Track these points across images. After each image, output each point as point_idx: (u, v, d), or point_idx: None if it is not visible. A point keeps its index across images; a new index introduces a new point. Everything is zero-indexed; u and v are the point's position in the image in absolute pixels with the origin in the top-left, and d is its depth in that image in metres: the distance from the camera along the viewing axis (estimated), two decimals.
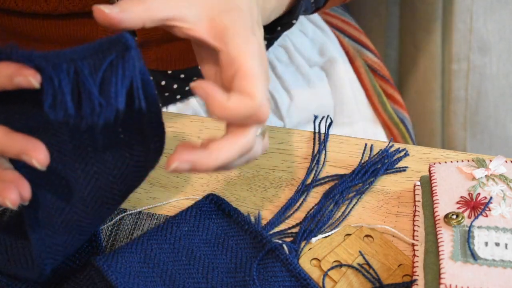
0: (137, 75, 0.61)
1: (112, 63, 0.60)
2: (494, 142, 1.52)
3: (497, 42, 1.42)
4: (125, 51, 0.61)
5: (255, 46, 0.64)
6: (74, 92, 0.60)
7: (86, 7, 0.85)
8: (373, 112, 1.14)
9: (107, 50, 0.61)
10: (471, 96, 1.48)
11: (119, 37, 0.61)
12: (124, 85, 0.60)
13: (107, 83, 0.60)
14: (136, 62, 0.61)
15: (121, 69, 0.60)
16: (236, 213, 0.76)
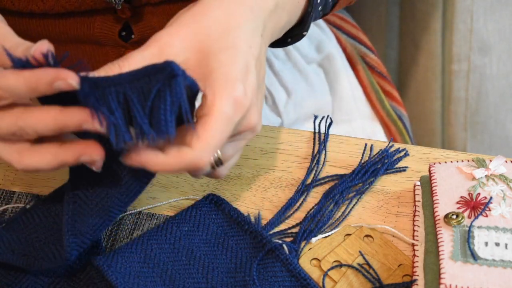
0: (185, 100, 0.63)
1: (159, 90, 0.62)
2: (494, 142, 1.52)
3: (497, 42, 1.42)
4: (172, 79, 0.62)
5: (235, 93, 0.66)
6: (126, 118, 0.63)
7: (82, 6, 0.85)
8: (371, 109, 1.14)
9: (153, 76, 0.62)
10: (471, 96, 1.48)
11: (164, 65, 0.62)
12: (173, 112, 0.62)
13: (156, 111, 0.62)
14: (182, 89, 0.62)
15: (169, 97, 0.62)
16: (236, 213, 0.76)
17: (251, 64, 0.68)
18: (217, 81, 0.66)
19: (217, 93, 0.66)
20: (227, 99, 0.65)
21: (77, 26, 0.88)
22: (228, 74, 0.66)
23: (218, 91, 0.66)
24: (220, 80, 0.66)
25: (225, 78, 0.66)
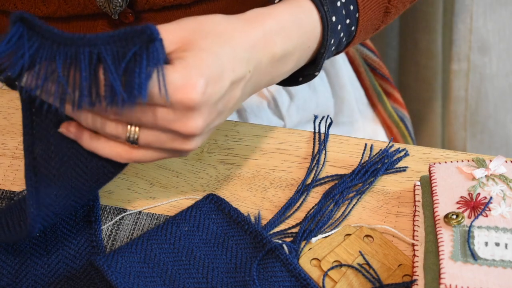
0: (161, 66, 0.62)
1: (136, 53, 0.61)
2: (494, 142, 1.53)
3: (497, 42, 1.42)
4: (150, 43, 0.61)
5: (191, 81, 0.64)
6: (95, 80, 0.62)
7: (85, 10, 0.85)
8: (372, 111, 1.14)
9: (130, 39, 0.61)
10: (471, 96, 1.48)
11: (144, 28, 0.61)
12: (148, 76, 0.61)
13: (130, 73, 0.61)
14: (160, 54, 0.61)
15: (145, 60, 0.61)
16: (236, 213, 0.76)
17: (223, 80, 0.66)
18: (184, 62, 0.64)
19: (177, 65, 0.64)
20: (180, 75, 0.63)
21: (79, 29, 0.88)
22: (198, 65, 0.64)
23: (179, 65, 0.64)
24: (187, 63, 0.64)
25: (193, 65, 0.64)
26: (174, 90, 0.63)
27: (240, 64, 0.68)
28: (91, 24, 0.88)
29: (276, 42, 0.72)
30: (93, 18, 0.87)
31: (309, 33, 0.76)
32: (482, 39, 1.42)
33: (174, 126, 0.65)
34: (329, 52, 0.79)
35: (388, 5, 0.83)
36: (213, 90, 0.65)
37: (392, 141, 0.86)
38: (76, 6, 0.85)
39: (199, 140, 0.68)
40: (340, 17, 0.78)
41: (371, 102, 1.14)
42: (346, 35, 0.80)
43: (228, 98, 0.68)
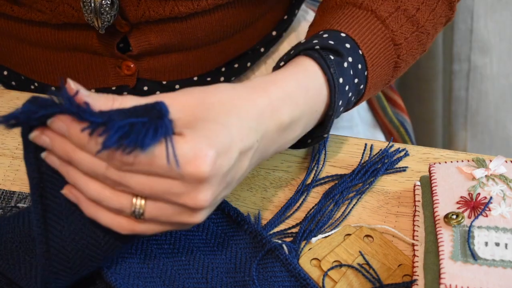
0: (171, 137, 0.61)
1: (144, 123, 0.61)
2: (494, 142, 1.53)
3: (498, 42, 1.42)
4: (159, 118, 0.61)
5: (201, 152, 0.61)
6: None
7: (80, 20, 0.85)
8: (373, 116, 1.14)
9: (141, 115, 0.61)
10: (471, 96, 1.48)
11: (154, 105, 0.61)
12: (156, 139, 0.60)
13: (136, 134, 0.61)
14: (169, 130, 0.61)
15: (152, 130, 0.61)
16: (235, 213, 0.76)
17: (232, 151, 0.64)
18: (193, 133, 0.62)
19: (187, 136, 0.62)
20: (191, 146, 0.61)
21: (75, 36, 0.88)
22: (207, 136, 0.62)
23: (189, 136, 0.62)
24: (196, 134, 0.62)
25: (202, 136, 0.62)
26: (185, 161, 0.61)
27: (248, 133, 0.66)
28: (86, 34, 0.88)
29: (283, 109, 0.70)
30: (88, 28, 0.87)
31: (316, 97, 0.74)
32: (483, 39, 1.42)
33: (183, 199, 0.63)
34: (337, 113, 0.77)
35: (397, 60, 0.81)
36: (223, 162, 0.63)
37: (391, 139, 0.86)
38: (70, 18, 0.85)
39: (206, 212, 0.65)
40: (347, 78, 0.76)
41: (372, 106, 1.14)
42: (355, 94, 0.79)
43: (236, 169, 0.66)
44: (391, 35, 0.79)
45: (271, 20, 0.97)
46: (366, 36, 0.78)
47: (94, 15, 0.83)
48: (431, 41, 0.86)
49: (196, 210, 0.64)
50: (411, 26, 0.81)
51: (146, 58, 0.90)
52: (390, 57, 0.80)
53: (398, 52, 0.80)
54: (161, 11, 0.84)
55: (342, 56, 0.75)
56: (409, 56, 0.82)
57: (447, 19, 0.87)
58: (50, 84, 0.94)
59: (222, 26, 0.90)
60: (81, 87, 0.63)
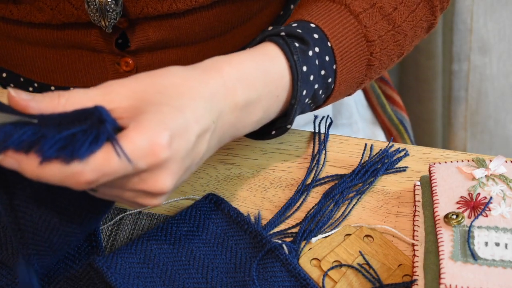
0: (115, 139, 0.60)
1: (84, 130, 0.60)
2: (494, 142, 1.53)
3: (497, 42, 1.42)
4: (100, 123, 0.60)
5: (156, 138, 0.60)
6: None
7: (79, 20, 0.85)
8: (372, 114, 1.14)
9: (82, 121, 0.61)
10: (471, 96, 1.48)
11: (93, 110, 0.60)
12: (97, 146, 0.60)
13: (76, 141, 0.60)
14: (112, 135, 0.60)
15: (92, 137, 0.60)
16: (235, 213, 0.76)
17: (189, 134, 0.63)
18: (146, 120, 0.61)
19: (139, 127, 0.60)
20: (144, 137, 0.60)
21: (74, 34, 0.88)
22: (160, 120, 0.61)
23: (141, 126, 0.60)
24: (149, 120, 0.61)
25: (155, 121, 0.61)
26: (142, 154, 0.60)
27: (203, 115, 0.65)
28: (85, 32, 0.88)
29: (237, 90, 0.69)
30: (87, 27, 0.87)
31: (276, 81, 0.73)
32: (483, 39, 1.42)
33: (142, 186, 0.62)
34: (302, 104, 0.75)
35: (370, 58, 0.79)
36: (179, 144, 0.62)
37: (391, 139, 0.86)
38: (70, 17, 0.85)
39: (165, 197, 0.64)
40: (312, 67, 0.74)
41: (371, 104, 1.14)
42: (323, 87, 0.77)
43: (195, 153, 0.65)
44: (363, 30, 0.78)
45: (268, 15, 0.97)
46: (336, 29, 0.77)
47: (99, 14, 0.83)
48: (410, 45, 0.84)
49: (156, 195, 0.63)
50: (387, 25, 0.80)
51: (144, 54, 0.91)
52: (362, 53, 0.78)
53: (371, 49, 0.79)
54: (159, 7, 0.84)
55: (308, 45, 0.74)
56: (384, 56, 0.81)
57: (428, 24, 0.85)
58: (50, 84, 0.94)
59: (220, 22, 0.90)
60: (22, 93, 0.61)
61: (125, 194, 0.64)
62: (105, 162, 0.59)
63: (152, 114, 0.62)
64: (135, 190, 0.63)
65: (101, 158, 0.59)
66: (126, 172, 0.60)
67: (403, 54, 0.84)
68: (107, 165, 0.59)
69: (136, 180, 0.62)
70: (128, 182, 0.62)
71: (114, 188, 0.63)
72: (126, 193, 0.64)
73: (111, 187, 0.63)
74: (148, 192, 0.63)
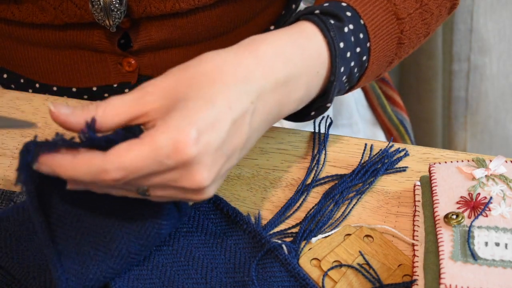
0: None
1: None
2: (494, 142, 1.53)
3: (497, 42, 1.42)
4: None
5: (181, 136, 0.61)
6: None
7: (81, 20, 0.85)
8: (372, 114, 1.14)
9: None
10: (471, 96, 1.48)
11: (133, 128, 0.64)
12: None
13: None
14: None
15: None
16: (234, 213, 0.76)
17: (221, 123, 0.63)
18: (171, 119, 0.62)
19: (163, 126, 0.61)
20: (168, 135, 0.61)
21: (76, 35, 0.88)
22: (185, 116, 0.62)
23: (165, 125, 0.61)
24: (173, 118, 0.62)
25: (180, 118, 0.62)
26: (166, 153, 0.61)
27: (238, 98, 0.65)
28: (88, 32, 0.88)
29: (275, 66, 0.69)
30: (89, 27, 0.87)
31: (315, 58, 0.72)
32: (483, 39, 1.42)
33: (181, 183, 0.63)
34: (340, 82, 0.75)
35: (401, 36, 0.79)
36: (210, 137, 0.62)
37: (391, 139, 0.86)
38: (73, 17, 0.85)
39: (211, 188, 0.65)
40: (348, 44, 0.74)
41: (371, 104, 1.14)
42: (358, 66, 0.77)
43: (234, 139, 0.65)
44: (393, 8, 0.78)
45: (270, 15, 0.97)
46: (367, 7, 0.77)
47: (104, 14, 0.83)
48: (435, 24, 0.84)
49: (199, 190, 0.64)
50: (415, 3, 0.80)
51: (146, 54, 0.91)
52: (393, 31, 0.78)
53: (401, 27, 0.79)
54: (162, 7, 0.84)
55: (343, 22, 0.74)
56: (413, 34, 0.81)
57: (451, 4, 0.85)
58: (52, 84, 0.94)
59: (223, 22, 0.90)
60: (61, 107, 0.63)
61: (172, 193, 0.65)
62: (128, 160, 0.60)
63: (178, 111, 0.62)
64: (177, 187, 0.64)
65: (124, 155, 0.60)
66: (153, 169, 0.61)
67: (429, 34, 0.84)
68: (130, 162, 0.60)
69: (173, 178, 0.63)
70: (167, 181, 0.63)
71: (158, 189, 0.64)
72: (172, 192, 0.64)
73: (155, 188, 0.64)
74: (189, 189, 0.64)
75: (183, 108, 0.62)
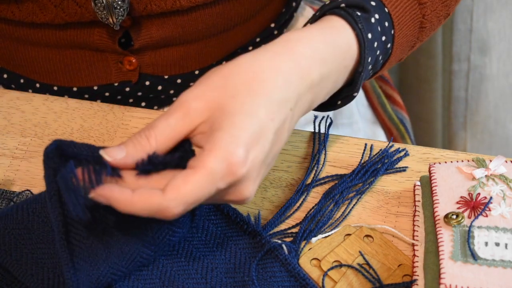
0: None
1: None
2: (494, 142, 1.53)
3: (497, 42, 1.42)
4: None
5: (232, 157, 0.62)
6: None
7: (82, 19, 0.85)
8: (372, 113, 1.14)
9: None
10: (471, 96, 1.48)
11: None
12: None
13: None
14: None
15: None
16: (234, 213, 0.76)
17: (265, 136, 0.64)
18: (219, 140, 0.62)
19: (213, 149, 0.62)
20: (220, 159, 0.62)
21: (76, 34, 0.88)
22: (233, 136, 0.62)
23: (214, 148, 0.62)
24: (222, 140, 0.62)
25: (228, 139, 0.62)
26: (220, 176, 0.62)
27: (279, 108, 0.65)
28: (88, 31, 0.88)
29: (311, 68, 0.69)
30: (90, 26, 0.87)
31: (345, 52, 0.73)
32: (482, 39, 1.42)
33: (228, 198, 0.65)
34: (366, 71, 0.76)
35: (423, 20, 0.79)
36: (256, 153, 0.64)
37: (391, 139, 0.86)
38: (73, 15, 0.85)
39: (254, 193, 0.66)
40: (375, 34, 0.75)
41: (371, 103, 1.14)
42: (383, 53, 0.77)
43: (275, 147, 0.66)
44: None
45: (270, 13, 0.97)
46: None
47: (107, 12, 0.83)
48: (455, 5, 0.85)
49: (243, 202, 0.66)
50: None
51: (147, 52, 0.91)
52: (415, 16, 0.79)
53: (423, 12, 0.79)
54: (163, 4, 0.84)
55: (369, 12, 0.75)
56: (434, 18, 0.81)
57: None
58: (53, 84, 0.94)
59: (223, 19, 0.91)
60: (113, 152, 0.63)
61: (217, 202, 0.67)
62: (188, 193, 0.61)
63: (225, 130, 0.63)
64: (224, 200, 0.66)
65: (183, 190, 0.61)
66: (210, 194, 0.62)
67: (448, 15, 0.84)
68: (190, 195, 0.61)
69: (223, 194, 0.64)
70: (217, 197, 0.64)
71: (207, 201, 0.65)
72: (217, 201, 0.66)
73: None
74: (235, 201, 0.66)
75: (230, 126, 0.63)
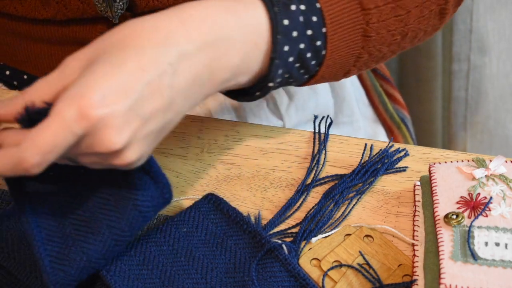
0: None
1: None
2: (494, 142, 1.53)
3: (497, 42, 1.42)
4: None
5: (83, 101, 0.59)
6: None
7: (84, 15, 0.85)
8: (373, 112, 1.14)
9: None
10: (471, 96, 1.48)
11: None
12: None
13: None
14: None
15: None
16: (234, 213, 0.76)
17: (133, 85, 0.61)
18: (73, 86, 0.60)
19: (65, 95, 0.59)
20: (69, 102, 0.59)
21: (79, 30, 0.88)
22: (88, 81, 0.60)
23: (66, 93, 0.60)
24: (75, 85, 0.60)
25: (82, 84, 0.60)
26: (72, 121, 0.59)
27: (152, 60, 0.62)
28: (90, 27, 0.88)
29: (202, 28, 0.66)
30: (92, 22, 0.87)
31: (252, 26, 0.69)
32: (482, 39, 1.42)
33: (94, 149, 0.61)
34: (286, 63, 0.72)
35: (366, 28, 0.75)
36: (117, 99, 0.60)
37: (391, 139, 0.86)
38: (75, 11, 0.85)
39: (130, 152, 0.63)
40: (295, 23, 0.71)
41: (372, 102, 1.14)
42: (311, 50, 0.73)
43: (151, 101, 0.63)
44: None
45: None
46: None
47: (106, 5, 0.83)
48: (418, 25, 0.80)
49: (113, 153, 0.62)
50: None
51: None
52: (356, 20, 0.74)
53: (367, 18, 0.75)
54: (165, 0, 0.84)
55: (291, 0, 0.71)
56: (383, 29, 0.76)
57: (439, 8, 0.81)
58: None
59: None
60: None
61: (95, 159, 0.63)
62: (42, 141, 0.58)
63: (82, 78, 0.61)
64: (95, 154, 0.62)
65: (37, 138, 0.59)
66: (68, 141, 0.59)
67: (407, 34, 0.80)
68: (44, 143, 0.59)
69: (87, 145, 0.61)
70: (84, 149, 0.61)
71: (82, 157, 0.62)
72: (95, 159, 0.63)
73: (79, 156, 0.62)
74: (103, 153, 0.62)
75: (88, 74, 0.61)
